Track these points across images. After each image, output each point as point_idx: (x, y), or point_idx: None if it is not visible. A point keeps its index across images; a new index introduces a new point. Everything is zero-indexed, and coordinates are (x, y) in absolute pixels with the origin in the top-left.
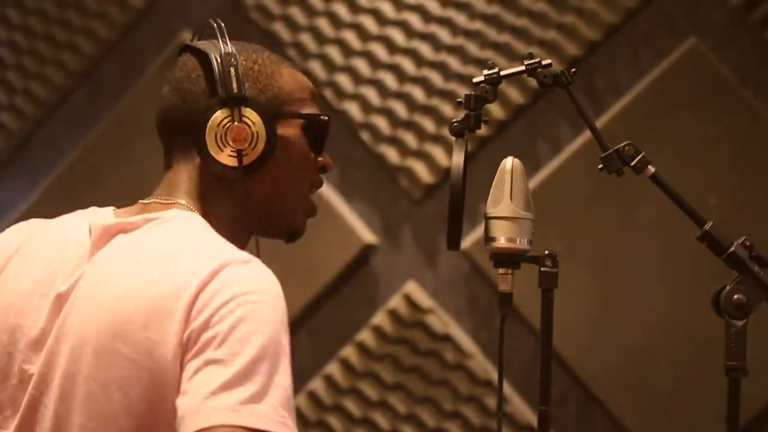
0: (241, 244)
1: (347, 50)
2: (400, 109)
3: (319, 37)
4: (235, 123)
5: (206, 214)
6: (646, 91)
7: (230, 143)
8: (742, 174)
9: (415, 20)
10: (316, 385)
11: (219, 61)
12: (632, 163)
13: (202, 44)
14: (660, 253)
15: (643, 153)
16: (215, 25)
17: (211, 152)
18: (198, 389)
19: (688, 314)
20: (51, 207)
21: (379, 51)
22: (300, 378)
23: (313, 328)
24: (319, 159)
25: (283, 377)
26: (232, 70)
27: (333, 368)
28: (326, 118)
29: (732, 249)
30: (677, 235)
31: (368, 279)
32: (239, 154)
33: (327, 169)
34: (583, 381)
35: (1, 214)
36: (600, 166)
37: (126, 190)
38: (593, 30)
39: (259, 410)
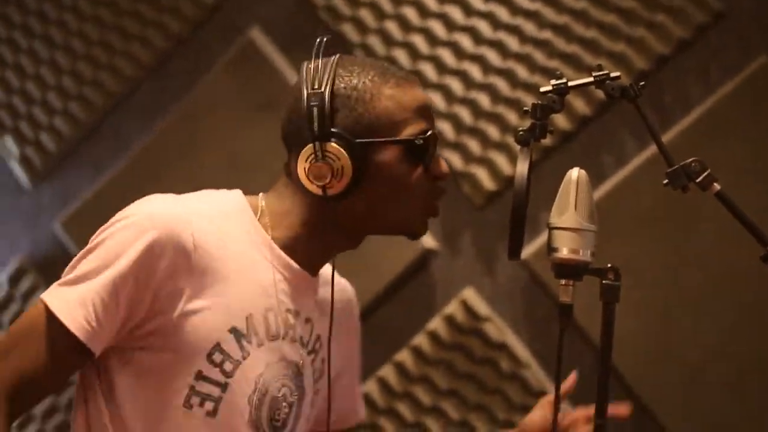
0: (344, 245)
1: (415, 54)
2: (465, 114)
3: (387, 40)
4: (317, 161)
5: (287, 217)
6: (714, 107)
7: (313, 179)
8: None
9: (483, 27)
10: (371, 387)
11: (306, 100)
12: (698, 180)
13: (309, 69)
14: (721, 272)
15: (709, 170)
16: (318, 43)
17: (303, 181)
18: None
19: (747, 335)
20: (114, 198)
21: (447, 56)
22: None
23: (369, 331)
24: (430, 170)
25: (98, 281)
26: (315, 110)
27: (387, 371)
28: (420, 141)
29: None
30: (739, 254)
31: (426, 284)
32: (324, 189)
33: (442, 177)
34: (639, 395)
35: (64, 202)
36: (665, 181)
37: (188, 184)
38: (663, 44)
39: (60, 292)
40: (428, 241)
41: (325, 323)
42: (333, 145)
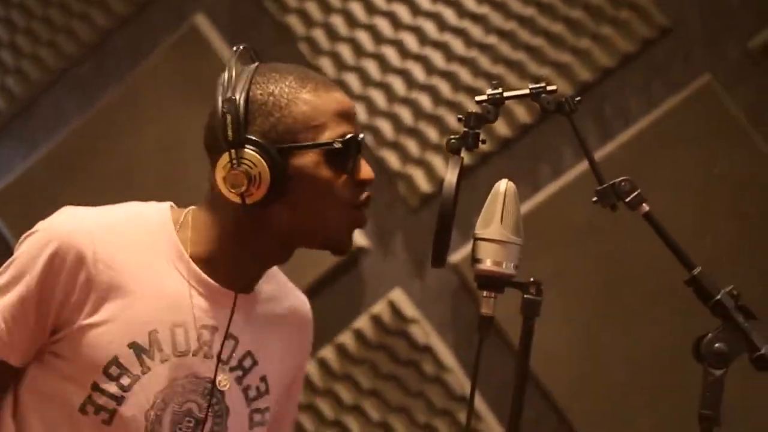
0: (276, 257)
1: (359, 51)
2: (405, 114)
3: (332, 35)
4: (233, 169)
5: (210, 229)
6: (654, 123)
7: (230, 188)
8: (741, 217)
9: (429, 27)
10: None
11: (221, 107)
12: (627, 200)
13: (226, 77)
14: (649, 291)
15: (639, 190)
16: (234, 51)
17: (222, 190)
18: None
19: (671, 356)
20: (47, 176)
21: (391, 54)
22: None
23: None
24: (354, 175)
25: (9, 296)
26: (229, 117)
27: (310, 367)
28: (339, 144)
29: (718, 297)
30: (668, 274)
31: (355, 282)
32: (242, 196)
33: (365, 182)
34: (560, 408)
35: None
36: (594, 198)
37: (124, 164)
38: (608, 56)
39: None
40: (360, 239)
41: (262, 340)
42: (249, 152)
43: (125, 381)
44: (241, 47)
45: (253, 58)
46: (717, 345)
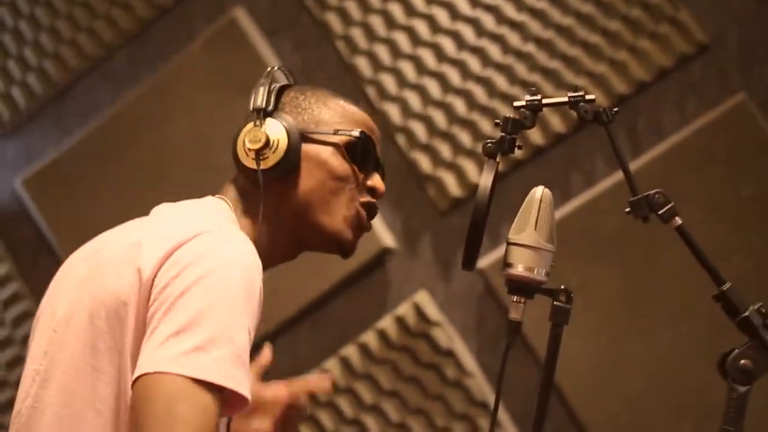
0: (283, 251)
1: (396, 52)
2: (439, 118)
3: (370, 34)
4: (254, 127)
5: (247, 214)
6: (687, 139)
7: (249, 144)
8: None
9: (468, 32)
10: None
11: (257, 85)
12: (660, 212)
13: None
14: (675, 305)
15: (672, 203)
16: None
17: (239, 156)
18: (153, 340)
19: (694, 371)
20: (78, 161)
21: (428, 57)
22: (296, 369)
23: (318, 322)
24: (367, 178)
25: (237, 335)
26: (261, 88)
27: (332, 365)
28: (359, 135)
29: (746, 314)
30: (695, 289)
31: (381, 282)
32: (257, 155)
33: (377, 192)
34: (580, 419)
35: (29, 159)
36: (628, 209)
37: (155, 154)
38: (644, 70)
39: (202, 360)
40: (388, 239)
41: None
42: (272, 119)
43: None
44: (282, 66)
45: (291, 77)
46: (743, 362)
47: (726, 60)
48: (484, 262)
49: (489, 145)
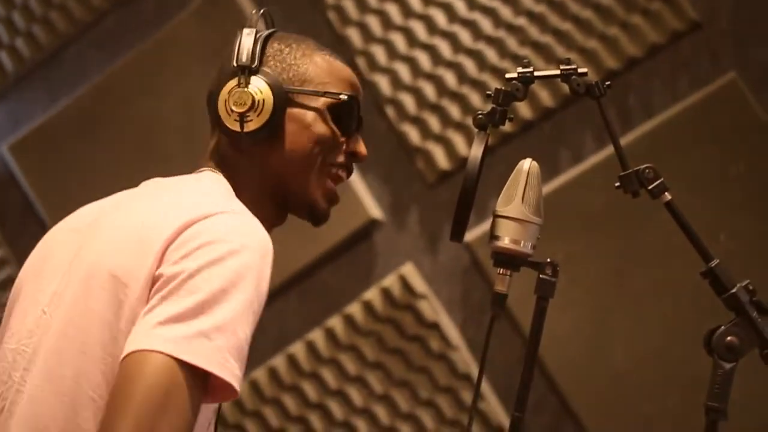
0: (269, 216)
1: (387, 23)
2: (429, 90)
3: (362, 5)
4: (239, 89)
5: (229, 179)
6: (677, 117)
7: (233, 106)
8: (756, 217)
9: (459, 5)
10: (297, 349)
11: (240, 37)
12: (650, 187)
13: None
14: (661, 281)
15: (662, 179)
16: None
17: (221, 117)
18: (152, 318)
19: (679, 347)
20: (67, 126)
21: (419, 29)
22: (282, 339)
23: (304, 293)
24: (349, 142)
25: (241, 327)
26: (247, 39)
27: (317, 335)
28: (345, 97)
29: (734, 290)
30: (681, 266)
31: (367, 254)
32: (241, 118)
33: (358, 156)
34: (563, 393)
35: (17, 125)
36: (617, 184)
37: (143, 122)
38: (635, 46)
39: (203, 347)
40: (375, 211)
41: None
42: (258, 78)
43: None
44: (264, 9)
45: (273, 23)
46: (729, 338)
47: (717, 38)
48: (470, 235)
49: (480, 116)
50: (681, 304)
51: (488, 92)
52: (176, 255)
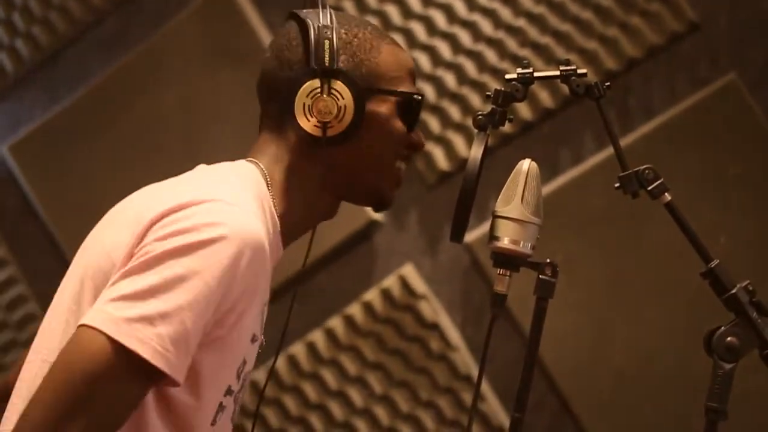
0: (324, 209)
1: (387, 24)
2: (429, 91)
3: (361, 6)
4: (324, 95)
5: (286, 181)
6: (676, 118)
7: (316, 114)
8: (756, 218)
9: (459, 6)
10: (297, 350)
11: (316, 32)
12: (649, 188)
13: (306, 13)
14: (660, 282)
15: (661, 179)
16: None
17: (299, 121)
18: (108, 293)
19: (679, 347)
20: (68, 127)
21: (419, 30)
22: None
23: (304, 294)
24: (412, 135)
25: (192, 318)
26: (326, 42)
27: (317, 336)
28: (420, 96)
29: (734, 291)
30: (681, 266)
31: (367, 255)
32: (324, 126)
33: (418, 148)
34: (562, 393)
35: (17, 126)
36: (617, 184)
37: (144, 123)
38: (635, 47)
39: (143, 333)
40: (374, 212)
41: None
42: (340, 83)
43: (242, 373)
44: None
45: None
46: (729, 339)
47: (717, 39)
48: (470, 236)
49: (479, 117)
50: (681, 304)
51: (488, 93)
52: (152, 236)
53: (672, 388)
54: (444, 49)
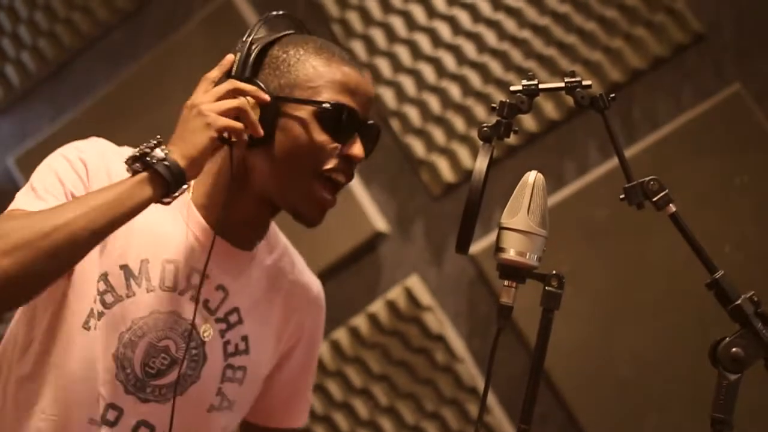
0: (248, 211)
1: (392, 36)
2: (434, 103)
3: (366, 18)
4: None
5: (205, 173)
6: (681, 128)
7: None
8: (761, 227)
9: (464, 18)
10: None
11: (239, 47)
12: (654, 199)
13: (266, 35)
14: (665, 293)
15: (666, 190)
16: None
17: None
18: None
19: (684, 358)
20: (72, 138)
21: (424, 42)
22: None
23: None
24: (342, 146)
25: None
26: (238, 55)
27: (322, 348)
28: (329, 106)
29: (738, 302)
30: (686, 277)
31: (373, 266)
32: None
33: (352, 158)
34: (568, 405)
35: (24, 137)
36: (622, 196)
37: (148, 134)
38: (639, 58)
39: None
40: (380, 223)
41: (254, 302)
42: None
43: (108, 299)
44: (280, 12)
45: (296, 27)
46: (734, 350)
47: (721, 50)
48: (475, 247)
49: (485, 129)
50: (686, 315)
51: (493, 105)
52: None
53: (677, 399)
54: (449, 61)
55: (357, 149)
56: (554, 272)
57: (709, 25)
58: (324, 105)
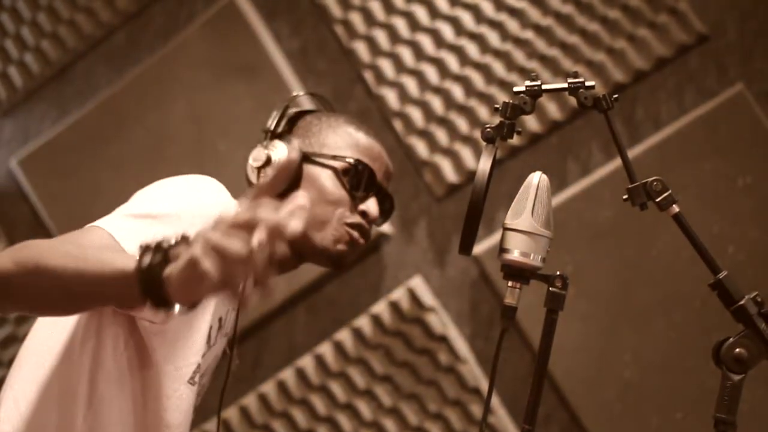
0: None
1: (395, 37)
2: (437, 104)
3: (369, 19)
4: (259, 148)
5: None
6: (684, 129)
7: (251, 162)
8: (764, 228)
9: (467, 18)
10: (307, 363)
11: (281, 111)
12: (657, 200)
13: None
14: (669, 293)
15: (669, 191)
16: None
17: (247, 172)
18: None
19: (687, 359)
20: (75, 142)
21: (426, 43)
22: (291, 353)
23: (313, 307)
24: (361, 205)
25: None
26: (275, 111)
27: (325, 349)
28: (350, 162)
29: (742, 302)
30: (689, 278)
31: (376, 267)
32: (258, 172)
33: (368, 216)
34: (571, 405)
35: (27, 139)
36: (625, 196)
37: (152, 137)
38: (642, 59)
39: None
40: (384, 225)
41: None
42: (279, 142)
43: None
44: (311, 93)
45: (321, 103)
46: (738, 350)
47: (725, 51)
48: (478, 248)
49: (488, 130)
50: (689, 316)
51: (496, 105)
52: None
53: (681, 399)
54: (452, 62)
55: (373, 207)
56: (558, 273)
57: (713, 25)
58: (347, 160)
